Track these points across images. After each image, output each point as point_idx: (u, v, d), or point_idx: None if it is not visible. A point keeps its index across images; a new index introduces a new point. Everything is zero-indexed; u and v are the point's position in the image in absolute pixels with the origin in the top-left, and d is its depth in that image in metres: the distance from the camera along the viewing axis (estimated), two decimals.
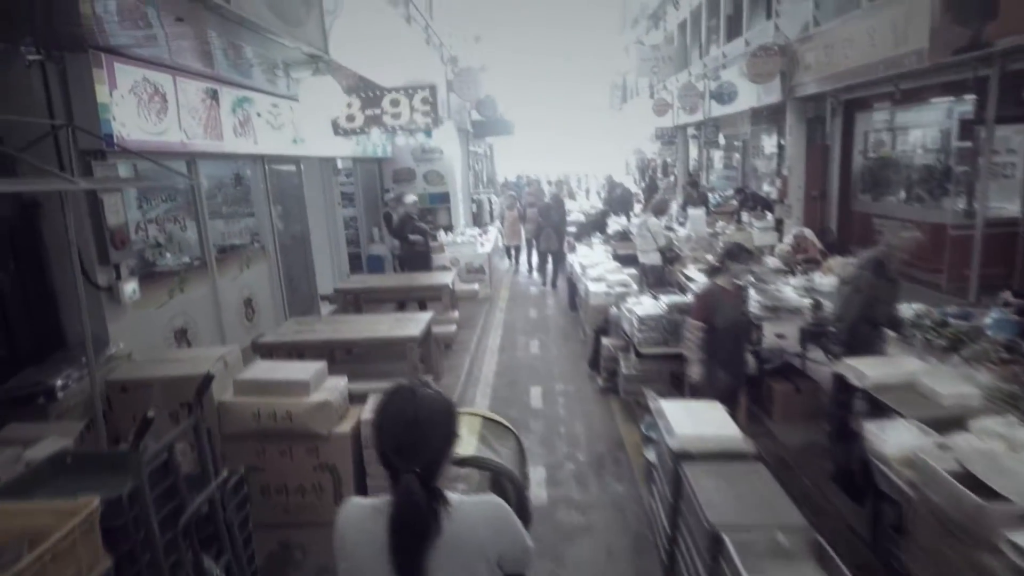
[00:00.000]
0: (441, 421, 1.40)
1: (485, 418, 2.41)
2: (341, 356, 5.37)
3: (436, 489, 1.37)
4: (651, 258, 7.46)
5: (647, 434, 3.92)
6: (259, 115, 6.26)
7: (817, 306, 4.89)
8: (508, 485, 2.06)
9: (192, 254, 5.60)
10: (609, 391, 5.84)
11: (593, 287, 6.75)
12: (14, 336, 3.95)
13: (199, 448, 2.40)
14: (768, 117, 13.71)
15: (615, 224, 11.08)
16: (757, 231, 11.42)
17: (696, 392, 3.91)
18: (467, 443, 2.10)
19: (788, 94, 10.72)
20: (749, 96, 12.38)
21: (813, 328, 4.74)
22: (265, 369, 3.86)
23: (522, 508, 1.98)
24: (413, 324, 5.05)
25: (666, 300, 5.06)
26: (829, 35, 8.98)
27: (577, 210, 19.35)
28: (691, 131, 19.75)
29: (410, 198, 8.67)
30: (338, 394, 3.79)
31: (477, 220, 17.30)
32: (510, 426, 2.44)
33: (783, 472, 3.85)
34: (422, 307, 8.02)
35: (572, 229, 12.23)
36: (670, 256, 7.61)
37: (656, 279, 7.53)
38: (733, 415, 3.17)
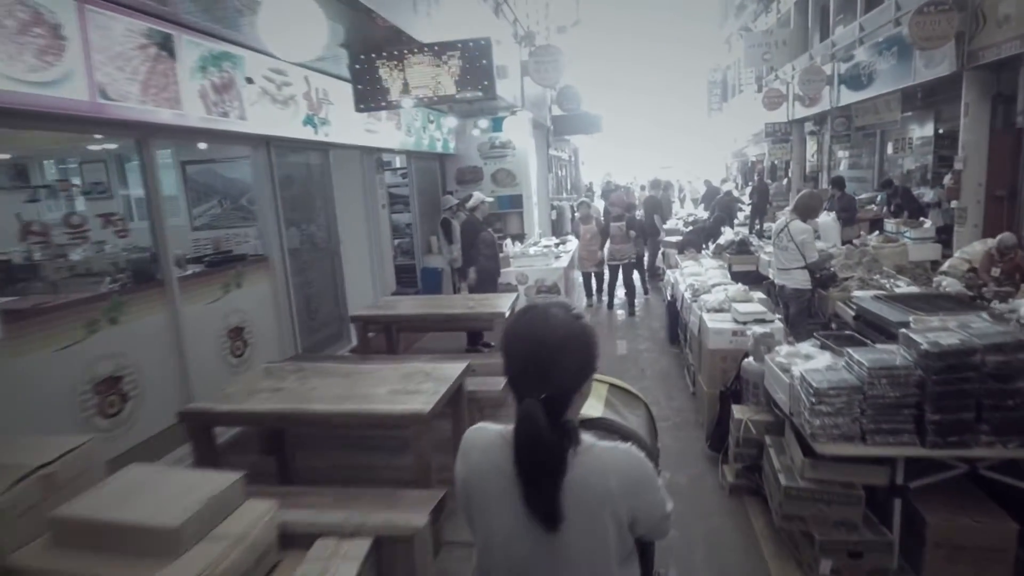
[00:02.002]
0: (573, 347, 1.22)
1: (612, 385, 2.03)
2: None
3: (565, 423, 1.20)
4: (794, 279, 5.19)
5: None
6: (249, 82, 4.61)
7: None
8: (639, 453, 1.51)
9: (136, 269, 3.99)
10: (744, 491, 3.70)
11: (713, 322, 4.61)
12: None
13: None
14: (924, 99, 10.97)
15: (728, 234, 8.78)
16: (912, 243, 8.81)
17: None
18: (591, 407, 1.73)
19: (967, 62, 8.05)
20: (897, 76, 9.83)
21: None
22: (119, 493, 2.05)
23: None
24: (431, 385, 3.15)
25: (864, 358, 2.87)
26: None
27: (673, 217, 17.11)
28: (808, 126, 17.00)
29: (478, 196, 6.97)
30: (245, 548, 1.94)
31: (557, 229, 15.37)
32: (640, 395, 2.08)
33: None
34: (472, 341, 6.16)
35: (671, 239, 10.02)
36: (823, 277, 5.30)
37: (799, 309, 5.25)
38: None
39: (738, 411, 3.77)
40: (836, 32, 13.59)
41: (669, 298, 7.11)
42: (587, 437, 1.24)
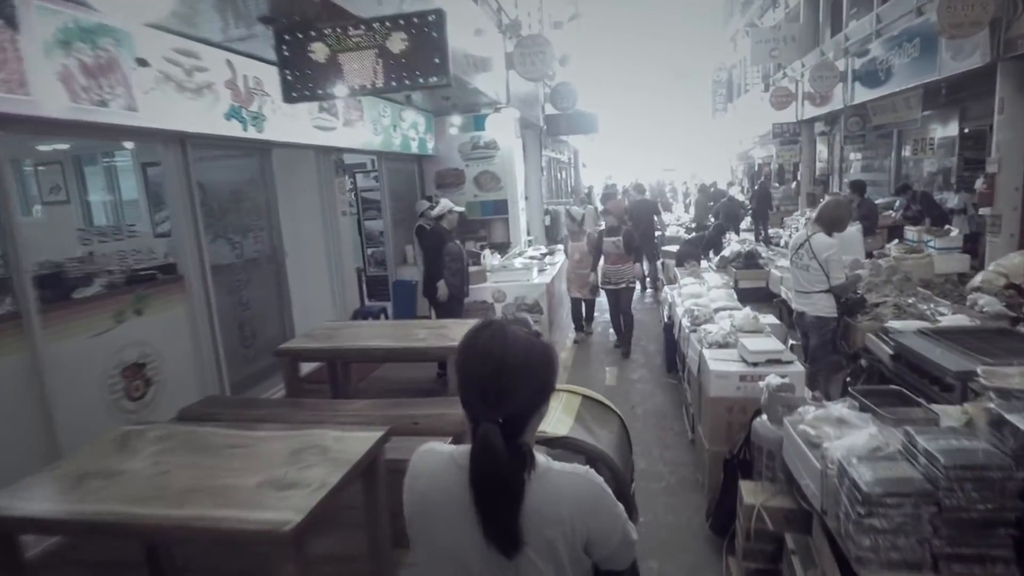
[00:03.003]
0: (533, 367, 1.16)
1: (585, 397, 1.94)
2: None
3: (521, 445, 1.14)
4: (817, 305, 4.28)
5: None
6: (141, 63, 3.73)
7: None
8: (606, 473, 1.54)
9: None
10: None
11: (716, 362, 3.70)
12: None
13: None
14: (948, 95, 10.04)
15: (734, 244, 7.87)
16: (937, 253, 7.88)
17: None
18: (560, 422, 1.69)
19: (1002, 52, 7.14)
20: (918, 70, 8.93)
21: None
22: None
23: (623, 501, 1.35)
24: (320, 472, 2.25)
25: (935, 446, 1.96)
26: None
27: (674, 223, 16.21)
28: (818, 127, 16.09)
29: (445, 204, 5.97)
30: None
31: (551, 235, 14.48)
32: (614, 408, 1.96)
33: None
34: (445, 367, 5.27)
35: (669, 248, 9.11)
36: (850, 302, 4.38)
37: (822, 341, 4.33)
38: None
39: (748, 491, 2.85)
40: (850, 26, 12.69)
41: (666, 319, 6.20)
42: (542, 460, 1.17)
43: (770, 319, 5.08)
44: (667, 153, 39.83)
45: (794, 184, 17.41)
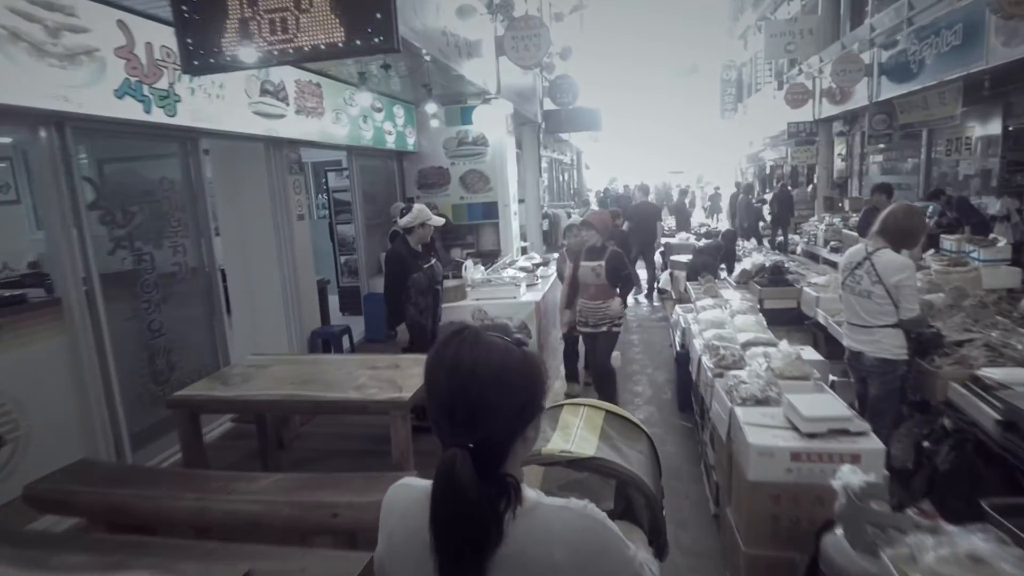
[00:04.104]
0: (511, 381, 0.95)
1: (609, 412, 1.66)
2: None
3: (500, 476, 0.92)
4: (882, 343, 3.23)
5: None
6: None
7: None
8: (638, 498, 1.42)
9: None
10: None
11: (754, 429, 2.67)
12: None
13: None
14: (992, 88, 8.98)
15: (755, 255, 6.85)
16: (984, 266, 6.82)
17: None
18: (585, 440, 1.46)
19: None
20: (959, 60, 7.91)
21: None
22: None
23: (655, 531, 1.34)
24: None
25: None
26: None
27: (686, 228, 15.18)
28: (837, 127, 15.08)
29: (419, 212, 4.61)
30: None
31: (551, 241, 13.48)
32: (642, 425, 1.68)
33: None
34: (420, 415, 4.23)
35: (678, 258, 8.08)
36: (923, 339, 3.34)
37: (887, 390, 3.29)
38: None
39: None
40: (875, 15, 11.67)
41: (678, 347, 5.17)
42: (531, 494, 0.95)
43: (809, 353, 4.07)
44: (673, 155, 38.76)
45: (810, 188, 16.36)
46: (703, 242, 9.88)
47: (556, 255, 9.56)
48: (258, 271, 5.77)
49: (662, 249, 10.56)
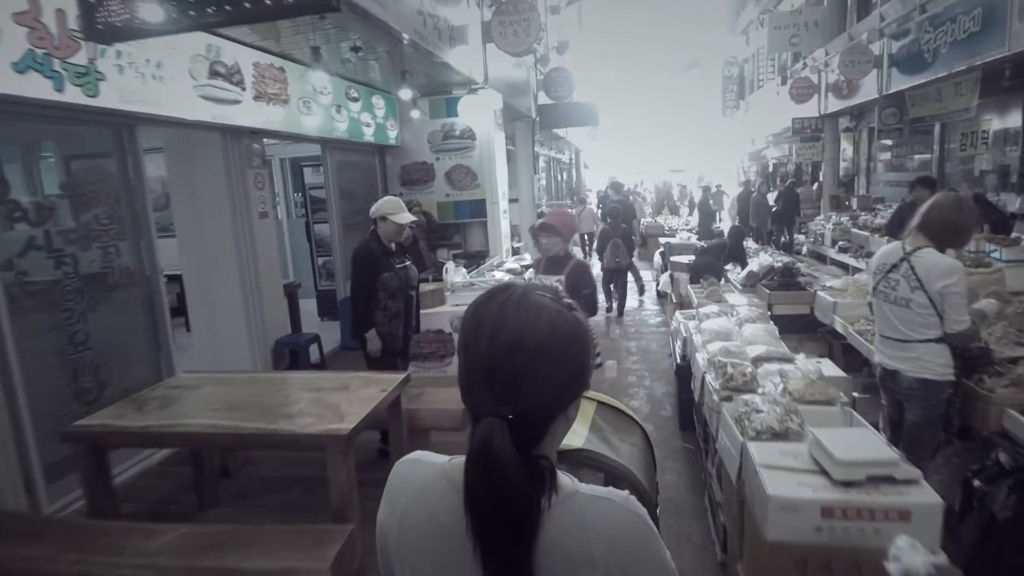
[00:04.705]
0: (563, 350, 0.84)
1: (601, 403, 1.56)
2: None
3: (538, 459, 0.81)
4: (923, 360, 2.70)
5: None
6: None
7: None
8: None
9: None
10: None
11: (774, 476, 2.13)
12: None
13: None
14: (1013, 78, 8.45)
15: (762, 256, 6.31)
16: (1007, 267, 6.27)
17: None
18: (573, 433, 1.32)
19: None
20: (978, 47, 7.41)
21: None
22: None
23: None
24: None
25: None
26: None
27: (682, 227, 14.65)
28: (843, 122, 14.57)
29: (386, 205, 4.05)
30: None
31: None
32: (635, 416, 1.58)
33: None
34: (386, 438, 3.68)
35: (681, 259, 7.55)
36: (971, 356, 2.81)
37: (929, 417, 2.75)
38: None
39: None
40: (884, 5, 11.14)
41: (679, 359, 4.64)
42: (566, 481, 0.85)
43: (828, 367, 3.54)
44: (673, 155, 38.21)
45: (815, 185, 15.84)
46: (704, 242, 9.39)
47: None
48: (216, 275, 5.25)
49: (662, 250, 10.05)
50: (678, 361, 4.61)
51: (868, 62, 10.70)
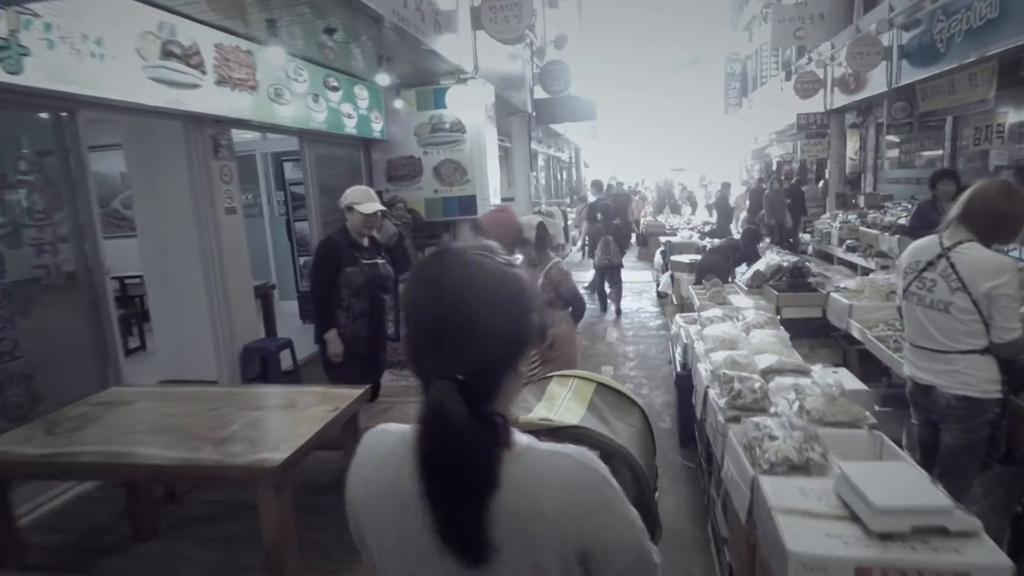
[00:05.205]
0: (507, 302, 0.84)
1: (601, 384, 1.43)
2: None
3: (491, 416, 0.82)
4: (964, 374, 2.30)
5: None
6: None
7: None
8: (624, 471, 1.20)
9: None
10: None
11: (793, 520, 1.73)
12: None
13: None
14: None
15: (770, 254, 5.91)
16: None
17: None
18: (569, 411, 1.29)
19: None
20: (997, 34, 6.95)
21: None
22: None
23: (644, 511, 1.03)
24: None
25: None
26: None
27: (684, 225, 14.25)
28: (850, 118, 14.16)
29: (352, 195, 3.65)
30: None
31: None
32: (635, 398, 1.46)
33: None
34: None
35: (682, 258, 7.15)
36: (1017, 369, 2.40)
37: (972, 440, 2.34)
38: None
39: None
40: None
41: (679, 367, 4.23)
42: (522, 438, 0.85)
43: (847, 378, 3.15)
44: (674, 154, 37.79)
45: (820, 183, 15.43)
46: (707, 241, 8.97)
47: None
48: (179, 276, 4.87)
49: (662, 249, 9.66)
50: (678, 370, 4.20)
51: (877, 53, 10.30)
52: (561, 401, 1.35)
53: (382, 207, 3.78)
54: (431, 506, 0.78)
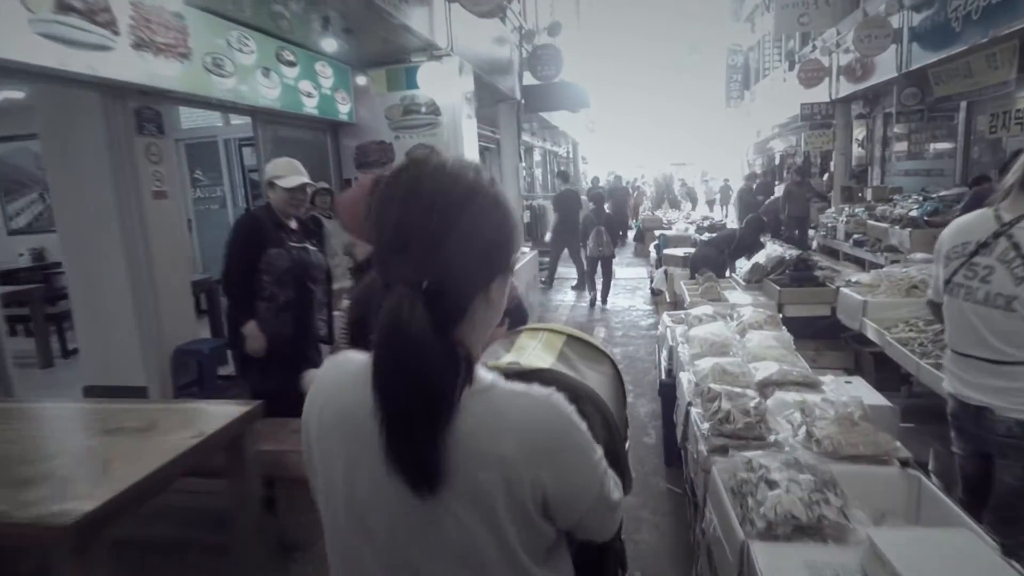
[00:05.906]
0: (482, 213, 0.79)
1: (571, 336, 1.36)
2: None
3: (454, 345, 0.75)
4: None
5: None
6: None
7: None
8: (594, 415, 1.06)
9: None
10: None
11: None
12: None
13: None
14: None
15: (771, 246, 5.33)
16: None
17: None
18: (538, 358, 1.23)
19: None
20: (1014, 9, 6.34)
21: None
22: None
23: (614, 457, 0.99)
24: None
25: None
26: None
27: (682, 219, 13.66)
28: (856, 108, 13.56)
29: (276, 167, 3.12)
30: None
31: (533, 233, 12.03)
32: (605, 350, 1.39)
33: None
34: None
35: (676, 252, 6.57)
36: None
37: None
38: None
39: None
40: None
41: (664, 373, 3.63)
42: (485, 374, 0.80)
43: (864, 390, 2.56)
44: (675, 150, 37.24)
45: (825, 177, 14.83)
46: (707, 236, 8.39)
47: (532, 251, 8.07)
48: (101, 269, 4.29)
49: (656, 242, 9.10)
50: (662, 377, 3.61)
51: (886, 36, 9.68)
52: (530, 351, 1.27)
53: (308, 180, 3.20)
54: (383, 424, 0.73)
